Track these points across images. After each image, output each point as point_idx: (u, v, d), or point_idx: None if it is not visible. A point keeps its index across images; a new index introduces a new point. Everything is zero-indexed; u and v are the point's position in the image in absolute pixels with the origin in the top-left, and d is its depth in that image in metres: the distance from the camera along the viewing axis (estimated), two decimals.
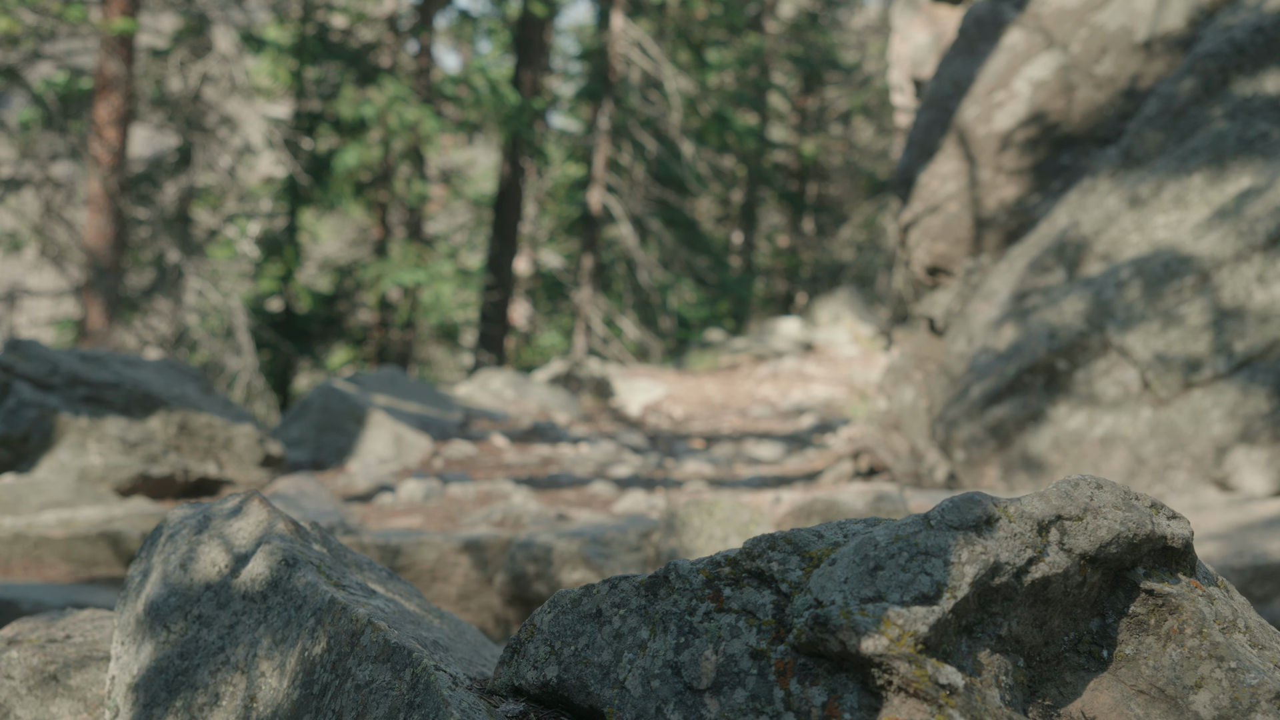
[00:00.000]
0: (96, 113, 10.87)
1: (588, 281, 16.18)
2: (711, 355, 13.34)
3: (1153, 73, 4.49)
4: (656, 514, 4.06)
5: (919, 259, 5.15)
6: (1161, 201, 3.82)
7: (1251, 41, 3.92)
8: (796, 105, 24.77)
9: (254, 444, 4.44)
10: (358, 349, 16.24)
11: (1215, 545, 2.52)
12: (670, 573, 1.06)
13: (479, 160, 22.74)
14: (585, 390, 9.95)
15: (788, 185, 24.52)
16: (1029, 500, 1.06)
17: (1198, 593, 1.09)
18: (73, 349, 4.51)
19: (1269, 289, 3.36)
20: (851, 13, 27.28)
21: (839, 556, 1.00)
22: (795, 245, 25.12)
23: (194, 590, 1.28)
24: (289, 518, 1.35)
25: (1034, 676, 1.05)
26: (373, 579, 1.38)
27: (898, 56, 8.66)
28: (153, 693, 1.24)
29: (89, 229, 10.77)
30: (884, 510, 2.49)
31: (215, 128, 12.23)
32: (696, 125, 18.44)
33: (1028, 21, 4.96)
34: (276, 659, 1.19)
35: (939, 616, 0.96)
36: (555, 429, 7.31)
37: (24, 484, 3.63)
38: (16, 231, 11.35)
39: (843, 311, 15.52)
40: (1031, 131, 4.75)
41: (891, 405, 5.16)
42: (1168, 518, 1.11)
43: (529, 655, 1.10)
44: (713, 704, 0.98)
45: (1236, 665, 1.04)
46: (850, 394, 9.50)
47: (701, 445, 7.24)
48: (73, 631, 1.44)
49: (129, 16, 10.66)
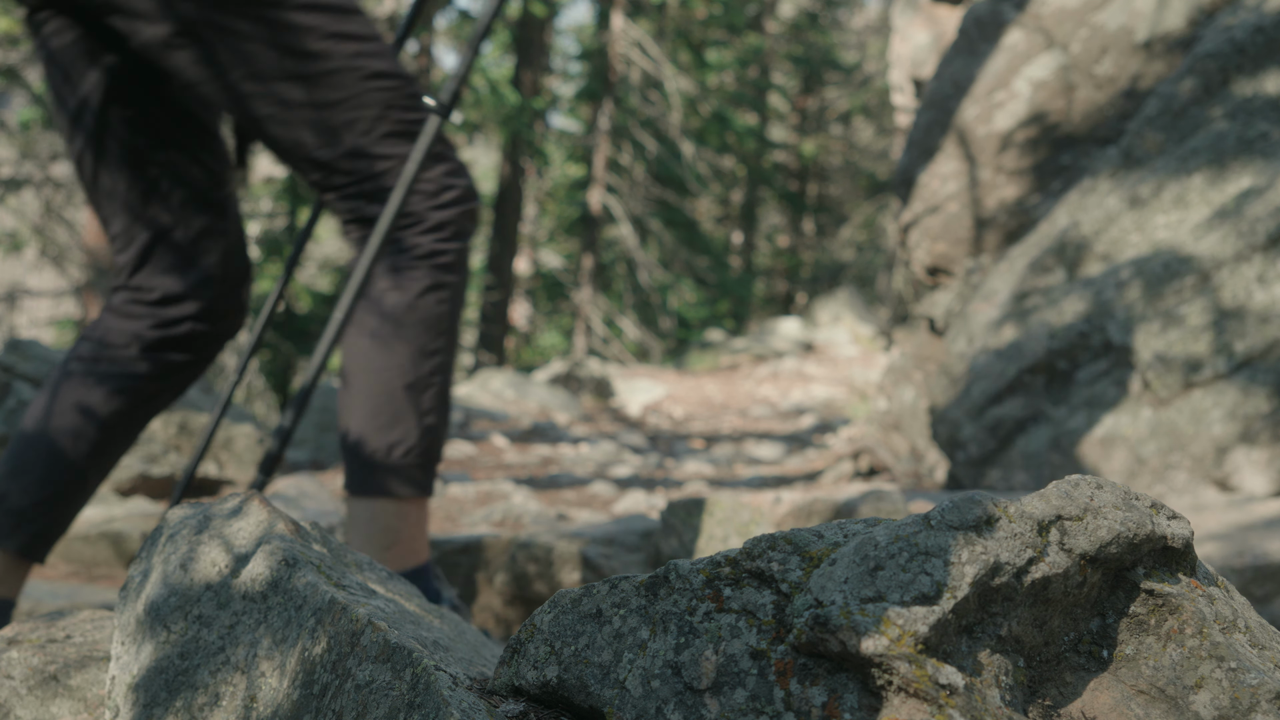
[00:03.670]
0: None
1: (588, 281, 16.17)
2: (711, 355, 13.34)
3: (1153, 73, 4.49)
4: (656, 514, 4.06)
5: (919, 259, 5.15)
6: (1162, 202, 3.82)
7: (1251, 41, 3.92)
8: (796, 105, 24.76)
9: (254, 444, 4.44)
10: None
11: (1215, 545, 2.53)
12: (670, 573, 1.06)
13: (479, 160, 22.74)
14: (585, 390, 9.95)
15: (788, 185, 24.50)
16: (1029, 500, 1.06)
17: (1198, 593, 1.09)
18: None
19: (1269, 289, 3.36)
20: (851, 13, 27.27)
21: (839, 557, 1.00)
22: (795, 245, 25.10)
23: (194, 590, 1.28)
24: (289, 518, 1.35)
25: (1034, 676, 1.05)
26: (373, 579, 1.38)
27: (898, 56, 8.66)
28: (153, 693, 1.24)
29: (89, 229, 10.76)
30: (884, 510, 2.49)
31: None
32: (696, 125, 18.43)
33: (1028, 21, 4.96)
34: (277, 659, 1.19)
35: (939, 616, 0.96)
36: (555, 429, 7.32)
37: None
38: (16, 231, 11.35)
39: (843, 311, 15.52)
40: (1032, 131, 4.75)
41: (891, 405, 5.17)
42: (1168, 518, 1.11)
43: (529, 655, 1.10)
44: (713, 704, 0.98)
45: (1237, 665, 1.04)
46: (850, 394, 9.50)
47: (701, 445, 7.24)
48: (73, 631, 1.44)
49: None
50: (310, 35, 2.02)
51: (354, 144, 2.05)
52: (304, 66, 2.02)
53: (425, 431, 2.07)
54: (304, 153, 2.06)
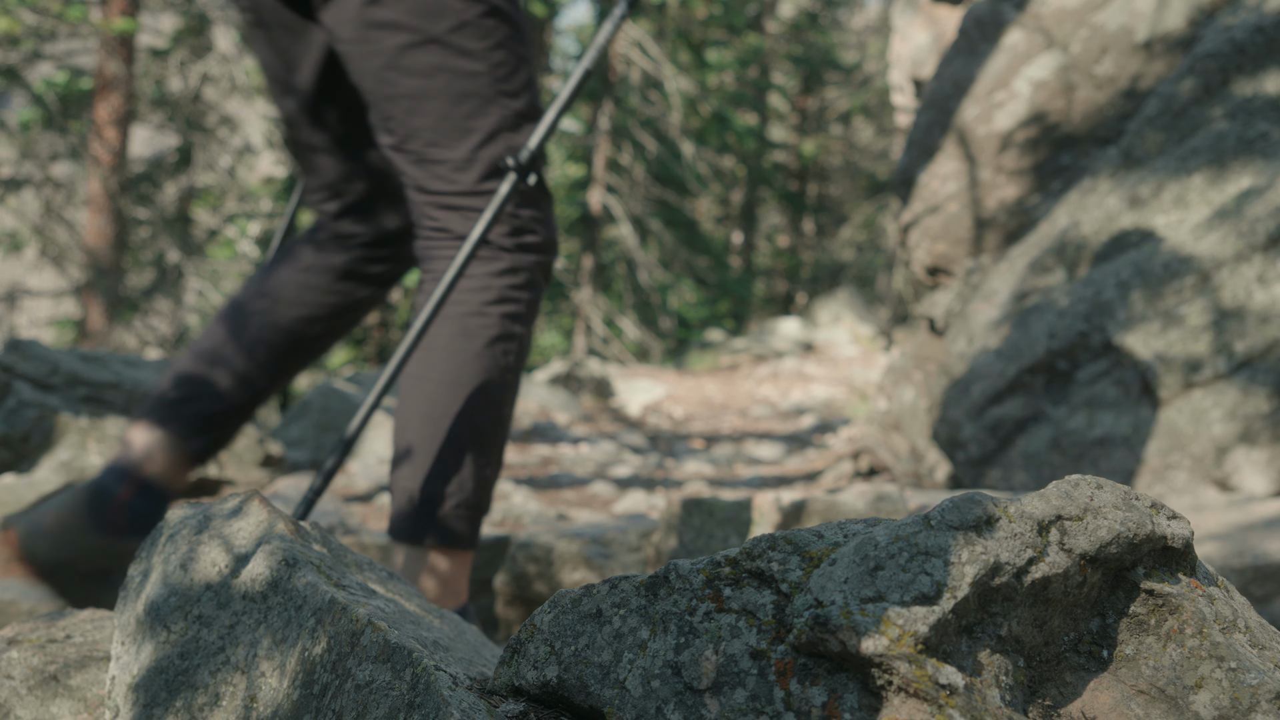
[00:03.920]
0: (96, 113, 10.86)
1: (588, 281, 16.16)
2: (711, 355, 13.33)
3: (1153, 73, 4.49)
4: (656, 514, 4.06)
5: (919, 259, 5.15)
6: (1162, 201, 3.82)
7: (1251, 41, 3.92)
8: (796, 105, 24.75)
9: (254, 444, 4.44)
10: (358, 349, 16.22)
11: (1215, 545, 2.52)
12: (670, 573, 1.06)
13: None
14: (585, 390, 9.95)
15: (788, 185, 24.48)
16: (1029, 500, 1.06)
17: (1198, 593, 1.09)
18: (73, 349, 4.51)
19: (1269, 289, 3.36)
20: (851, 13, 27.26)
21: (839, 556, 1.00)
22: (795, 245, 25.10)
23: (194, 590, 1.28)
24: (289, 518, 1.35)
25: (1034, 676, 1.05)
26: (373, 579, 1.38)
27: (898, 56, 8.66)
28: (153, 693, 1.24)
29: (89, 229, 10.76)
30: (884, 510, 2.49)
31: (215, 128, 12.22)
32: (696, 125, 18.42)
33: (1028, 21, 4.96)
34: (277, 659, 1.19)
35: (939, 616, 0.96)
36: (555, 429, 7.32)
37: (24, 484, 3.63)
38: (16, 231, 11.35)
39: (843, 311, 15.52)
40: (1031, 131, 4.75)
41: (891, 405, 5.17)
42: (1168, 518, 1.11)
43: (529, 655, 1.10)
44: (713, 704, 0.98)
45: (1237, 665, 1.04)
46: (850, 394, 9.50)
47: (701, 445, 7.24)
48: (73, 631, 1.44)
49: (129, 16, 10.65)
50: (474, 32, 2.06)
51: (468, 155, 2.08)
52: (458, 61, 2.05)
53: (480, 484, 2.09)
54: (417, 143, 2.09)
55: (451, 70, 2.03)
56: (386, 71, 2.05)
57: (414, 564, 2.09)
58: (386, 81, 2.05)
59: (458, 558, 2.10)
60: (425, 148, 2.07)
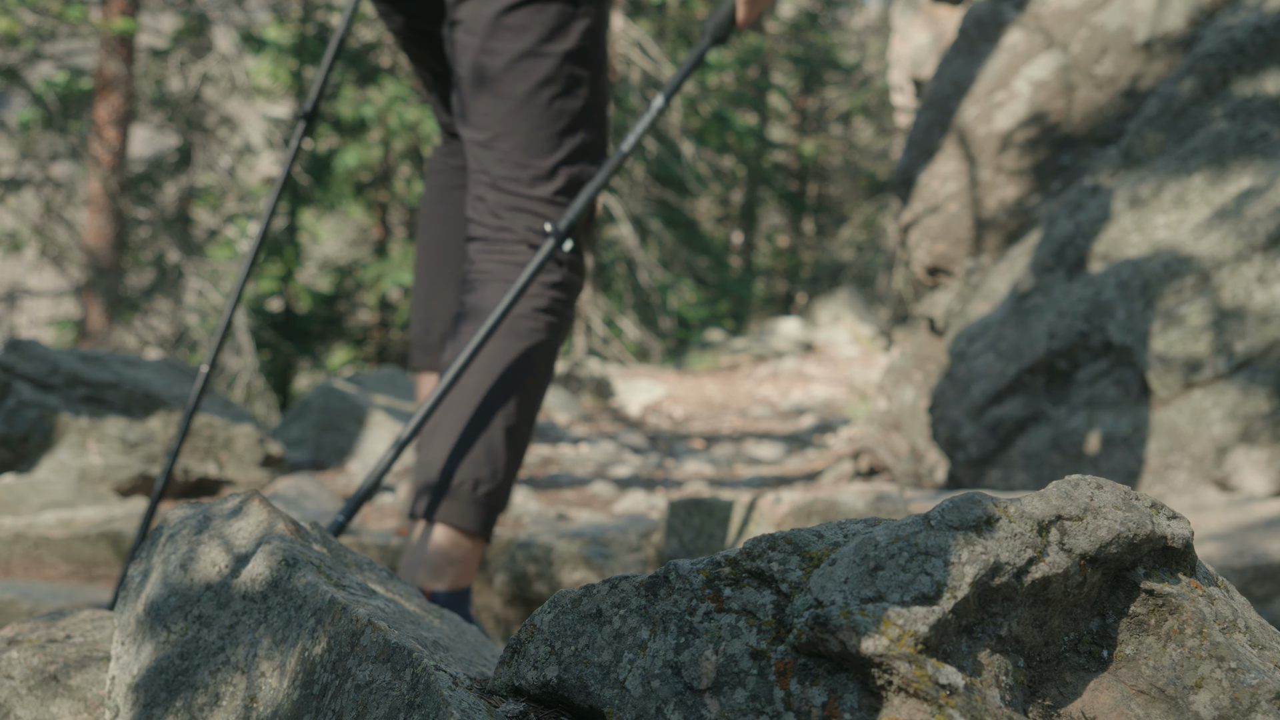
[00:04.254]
0: (96, 113, 10.86)
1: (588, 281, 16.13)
2: (711, 355, 13.33)
3: (1153, 73, 4.49)
4: (656, 514, 4.06)
5: (919, 259, 5.15)
6: (1162, 202, 3.82)
7: (1251, 41, 3.92)
8: (796, 105, 24.75)
9: (254, 444, 4.44)
10: (358, 349, 16.22)
11: (1215, 545, 2.52)
12: (670, 573, 1.06)
13: None
14: (585, 390, 9.95)
15: (788, 185, 24.48)
16: (1029, 500, 1.06)
17: (1198, 593, 1.09)
18: (73, 349, 4.50)
19: (1269, 289, 3.36)
20: (851, 13, 27.26)
21: (839, 556, 1.00)
22: (795, 245, 25.10)
23: (194, 590, 1.28)
24: (289, 518, 1.35)
25: (1034, 676, 1.05)
26: (373, 579, 1.38)
27: (898, 56, 8.66)
28: (153, 693, 1.24)
29: (89, 229, 10.76)
30: (884, 510, 2.49)
31: (215, 128, 12.23)
32: (696, 125, 18.42)
33: (1028, 21, 4.96)
34: (277, 659, 1.19)
35: (939, 616, 0.96)
36: (555, 429, 7.31)
37: (24, 484, 3.63)
38: (16, 231, 11.35)
39: (843, 311, 15.52)
40: (1031, 132, 4.75)
41: (891, 405, 5.17)
42: (1168, 518, 1.11)
43: (529, 655, 1.10)
44: (713, 704, 0.98)
45: (1237, 665, 1.04)
46: (850, 394, 9.50)
47: (701, 445, 7.24)
48: (73, 631, 1.44)
49: (129, 16, 10.66)
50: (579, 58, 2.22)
51: (553, 167, 2.21)
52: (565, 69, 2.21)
53: (508, 477, 2.19)
54: (506, 144, 2.21)
55: (560, 87, 2.19)
56: (502, 73, 2.19)
57: (427, 540, 2.14)
58: (498, 80, 2.19)
59: (471, 543, 2.16)
60: (514, 150, 2.20)
